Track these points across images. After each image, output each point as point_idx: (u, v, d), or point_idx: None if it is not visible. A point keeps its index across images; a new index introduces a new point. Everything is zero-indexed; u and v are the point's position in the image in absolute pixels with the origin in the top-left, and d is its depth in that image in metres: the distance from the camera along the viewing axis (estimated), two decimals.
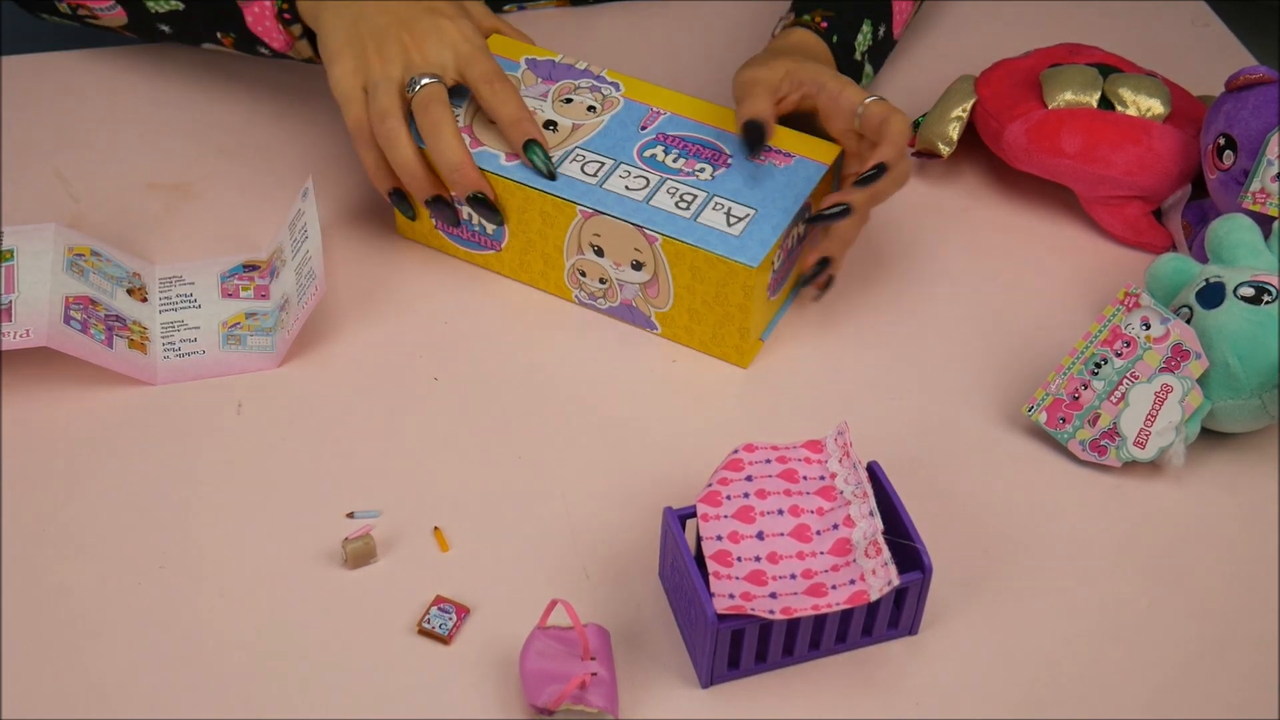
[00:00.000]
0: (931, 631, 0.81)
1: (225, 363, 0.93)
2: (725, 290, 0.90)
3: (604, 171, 0.94)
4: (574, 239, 0.94)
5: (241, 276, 0.99)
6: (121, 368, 0.91)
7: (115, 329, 0.92)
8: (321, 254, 0.92)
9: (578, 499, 0.87)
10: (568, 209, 0.92)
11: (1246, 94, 0.99)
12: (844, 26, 1.04)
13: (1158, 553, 0.86)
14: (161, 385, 0.92)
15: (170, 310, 0.96)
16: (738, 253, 0.89)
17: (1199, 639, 0.81)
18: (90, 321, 0.91)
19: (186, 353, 0.94)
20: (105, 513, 0.85)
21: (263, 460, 0.88)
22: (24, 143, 1.09)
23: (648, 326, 0.96)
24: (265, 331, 0.95)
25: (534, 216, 0.94)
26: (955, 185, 1.10)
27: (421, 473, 0.88)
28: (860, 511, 0.77)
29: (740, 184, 0.93)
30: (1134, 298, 0.89)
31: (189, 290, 0.98)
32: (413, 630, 0.79)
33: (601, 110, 0.98)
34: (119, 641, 0.79)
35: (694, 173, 0.94)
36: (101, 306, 0.93)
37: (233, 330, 0.95)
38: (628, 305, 0.96)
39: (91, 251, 0.96)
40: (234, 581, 0.82)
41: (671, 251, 0.90)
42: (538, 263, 0.97)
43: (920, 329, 0.99)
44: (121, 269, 0.97)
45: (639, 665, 0.78)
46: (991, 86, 1.09)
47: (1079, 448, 0.89)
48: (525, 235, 0.96)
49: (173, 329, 0.95)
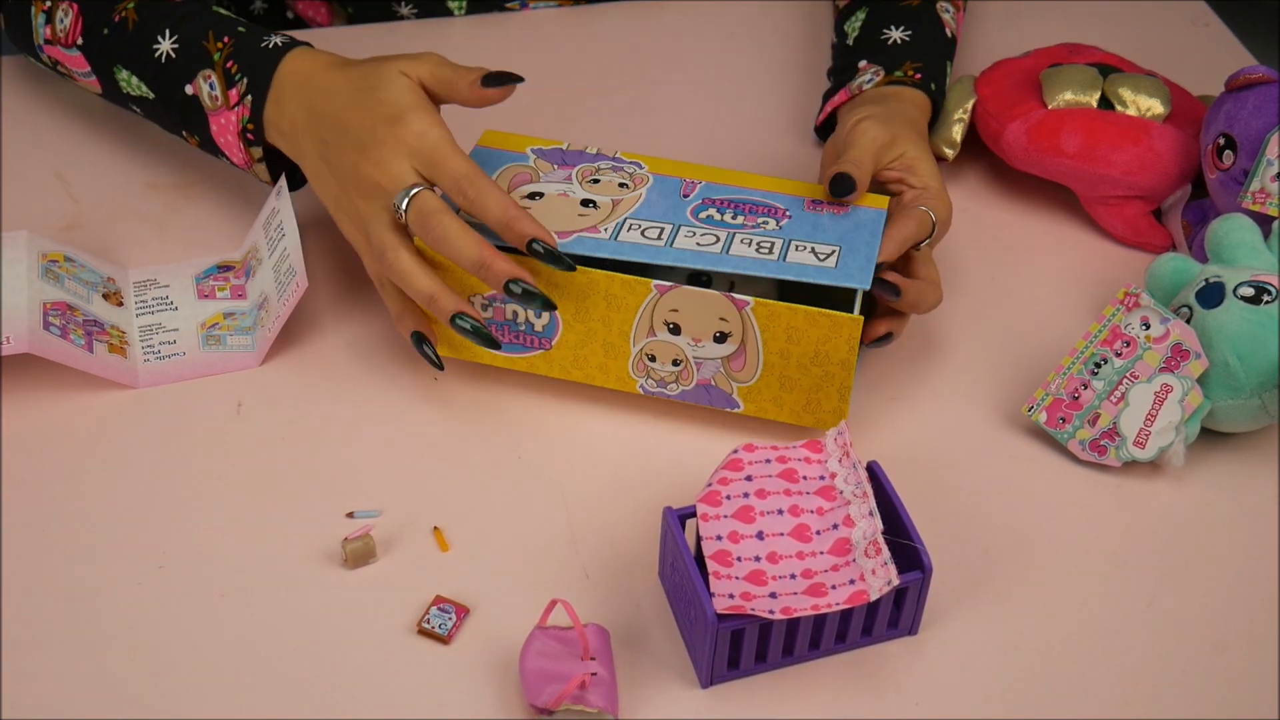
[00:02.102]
0: (931, 631, 0.81)
1: (206, 363, 0.93)
2: (827, 348, 0.84)
3: (668, 234, 0.87)
4: (645, 319, 0.86)
5: (217, 277, 0.98)
6: (104, 372, 0.90)
7: (94, 334, 0.91)
8: (300, 250, 0.91)
9: (578, 499, 0.87)
10: (639, 287, 0.85)
11: (1246, 94, 0.99)
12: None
13: (1158, 553, 0.86)
14: (144, 389, 0.91)
15: (147, 313, 0.96)
16: (842, 279, 0.84)
17: (1199, 639, 0.81)
18: (69, 327, 0.90)
19: (167, 355, 0.93)
20: (105, 513, 0.85)
21: (262, 460, 0.88)
22: (24, 143, 1.09)
23: (728, 406, 0.89)
24: (245, 331, 0.94)
25: (597, 301, 0.86)
26: (955, 185, 1.10)
27: (421, 473, 0.88)
28: (860, 511, 0.77)
29: (811, 229, 0.88)
30: (1134, 297, 0.89)
31: (164, 293, 0.97)
32: (413, 630, 0.79)
33: (634, 186, 0.92)
34: (119, 641, 0.78)
35: (759, 225, 0.89)
36: (79, 312, 0.92)
37: (212, 330, 0.94)
38: (705, 385, 0.88)
39: (65, 257, 0.96)
40: (234, 581, 0.82)
41: (764, 315, 0.84)
42: (596, 355, 0.88)
43: (920, 329, 0.99)
44: (96, 274, 0.96)
45: (639, 665, 0.78)
46: (991, 86, 1.09)
47: (1079, 448, 0.89)
48: (585, 324, 0.87)
49: (151, 332, 0.94)
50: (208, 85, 0.95)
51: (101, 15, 0.99)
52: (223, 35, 0.95)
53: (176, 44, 0.96)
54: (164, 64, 0.97)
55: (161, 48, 0.97)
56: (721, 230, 0.88)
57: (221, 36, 0.95)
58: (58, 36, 1.02)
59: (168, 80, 0.97)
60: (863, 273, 0.85)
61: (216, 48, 0.95)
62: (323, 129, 0.89)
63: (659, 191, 0.92)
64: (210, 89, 0.95)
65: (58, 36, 1.02)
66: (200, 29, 0.96)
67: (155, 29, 0.97)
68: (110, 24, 0.99)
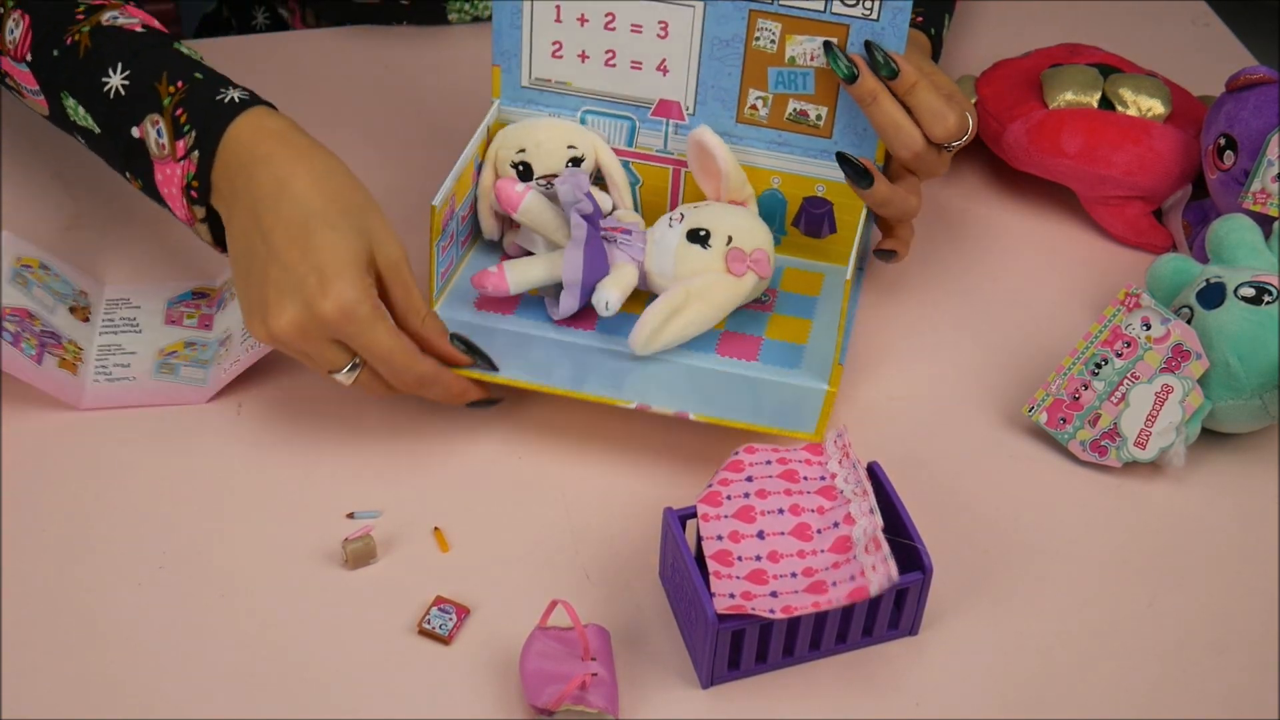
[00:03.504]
0: (931, 631, 0.81)
1: (153, 391, 0.91)
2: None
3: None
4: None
5: (189, 303, 0.97)
6: (46, 386, 0.88)
7: (49, 345, 0.89)
8: None
9: (578, 499, 0.86)
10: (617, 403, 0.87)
11: (1247, 94, 0.99)
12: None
13: (1158, 553, 0.86)
14: (85, 411, 0.89)
15: (110, 333, 0.94)
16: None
17: (1199, 639, 0.81)
18: (23, 335, 0.88)
19: (117, 378, 0.91)
20: (105, 513, 0.85)
21: (262, 460, 0.88)
22: (24, 144, 1.09)
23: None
24: (201, 364, 0.92)
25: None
26: (955, 185, 1.10)
27: (421, 473, 0.88)
28: (860, 509, 0.77)
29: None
30: (1134, 298, 0.89)
31: (133, 315, 0.95)
32: (413, 630, 0.79)
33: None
34: (119, 642, 0.78)
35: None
36: (39, 321, 0.90)
37: (168, 359, 0.92)
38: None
39: (40, 264, 0.94)
40: (234, 582, 0.82)
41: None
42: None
43: (920, 329, 0.99)
44: (68, 286, 0.95)
45: (639, 665, 0.78)
46: (992, 86, 1.09)
47: (1079, 448, 0.89)
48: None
49: (108, 352, 0.93)
50: (155, 131, 0.88)
51: (52, 34, 0.91)
52: (176, 79, 0.88)
53: (127, 80, 0.89)
54: (112, 99, 0.89)
55: (111, 82, 0.89)
56: None
57: (175, 80, 0.88)
58: (7, 48, 0.94)
59: (115, 118, 0.90)
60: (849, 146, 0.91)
61: (169, 91, 0.88)
62: (253, 233, 0.83)
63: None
64: (158, 135, 0.88)
65: (7, 48, 0.94)
66: (154, 68, 0.89)
67: (107, 60, 0.89)
68: (61, 45, 0.91)
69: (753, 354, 0.92)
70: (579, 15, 0.92)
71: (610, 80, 0.94)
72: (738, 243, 0.91)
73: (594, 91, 0.95)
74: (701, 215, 0.92)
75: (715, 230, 0.91)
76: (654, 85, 0.94)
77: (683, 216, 0.92)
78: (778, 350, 0.92)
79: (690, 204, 0.94)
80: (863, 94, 0.89)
